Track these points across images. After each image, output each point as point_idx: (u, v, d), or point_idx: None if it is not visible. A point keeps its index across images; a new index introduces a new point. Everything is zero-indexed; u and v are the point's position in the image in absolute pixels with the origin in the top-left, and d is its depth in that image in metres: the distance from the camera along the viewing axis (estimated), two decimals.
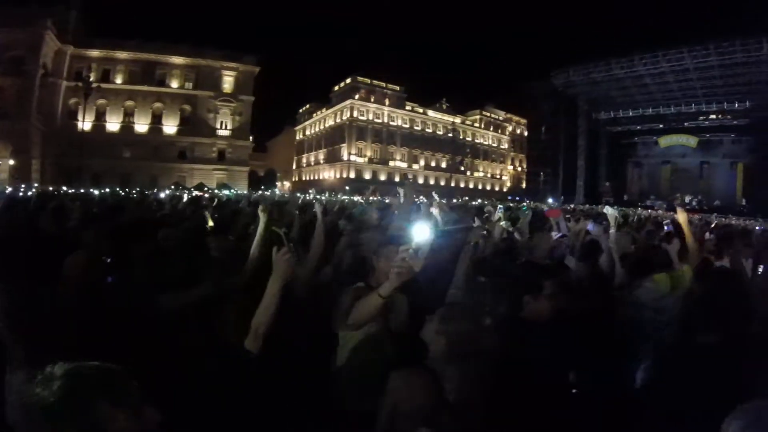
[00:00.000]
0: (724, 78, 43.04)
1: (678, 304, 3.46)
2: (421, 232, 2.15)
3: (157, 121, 53.62)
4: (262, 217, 3.97)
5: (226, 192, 27.38)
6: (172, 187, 28.92)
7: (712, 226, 11.74)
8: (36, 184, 29.09)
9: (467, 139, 77.86)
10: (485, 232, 4.78)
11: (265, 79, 60.85)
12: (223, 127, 56.59)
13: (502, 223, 5.54)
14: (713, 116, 49.41)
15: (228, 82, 56.29)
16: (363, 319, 2.51)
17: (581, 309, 2.95)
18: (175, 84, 54.05)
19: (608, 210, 6.04)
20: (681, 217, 5.08)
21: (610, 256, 4.67)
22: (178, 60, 53.84)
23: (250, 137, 58.95)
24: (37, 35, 43.85)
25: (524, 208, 6.94)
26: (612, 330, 3.20)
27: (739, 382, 1.87)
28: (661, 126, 52.96)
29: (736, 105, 46.10)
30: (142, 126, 53.05)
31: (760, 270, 5.46)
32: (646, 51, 46.12)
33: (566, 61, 53.92)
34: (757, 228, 16.36)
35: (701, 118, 50.06)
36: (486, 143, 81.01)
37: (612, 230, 5.54)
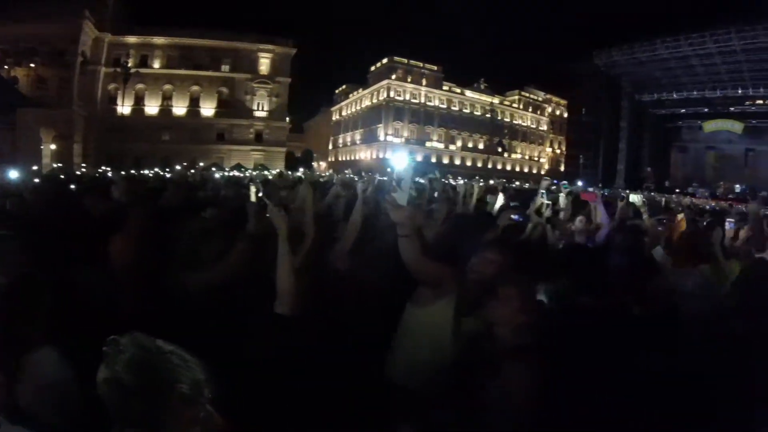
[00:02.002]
0: None
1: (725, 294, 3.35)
2: (400, 161, 2.28)
3: (194, 104, 54.58)
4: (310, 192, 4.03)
5: (264, 172, 27.91)
6: (213, 168, 29.33)
7: None
8: (84, 167, 30.54)
9: (505, 119, 76.38)
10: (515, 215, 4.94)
11: (302, 60, 61.05)
12: (260, 108, 57.12)
13: (545, 201, 5.48)
14: (760, 101, 46.58)
15: (264, 64, 56.70)
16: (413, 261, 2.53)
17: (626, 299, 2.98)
18: (211, 67, 54.75)
19: (634, 198, 6.09)
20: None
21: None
22: (214, 43, 54.37)
23: (287, 118, 59.42)
24: (76, 25, 45.18)
25: (565, 186, 6.86)
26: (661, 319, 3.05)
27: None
28: (706, 110, 50.47)
29: None
30: (180, 109, 54.16)
31: None
32: (692, 31, 43.97)
33: (609, 41, 52.01)
34: None
35: (748, 102, 47.28)
36: (525, 124, 79.35)
37: (645, 216, 5.60)
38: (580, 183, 40.39)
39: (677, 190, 43.87)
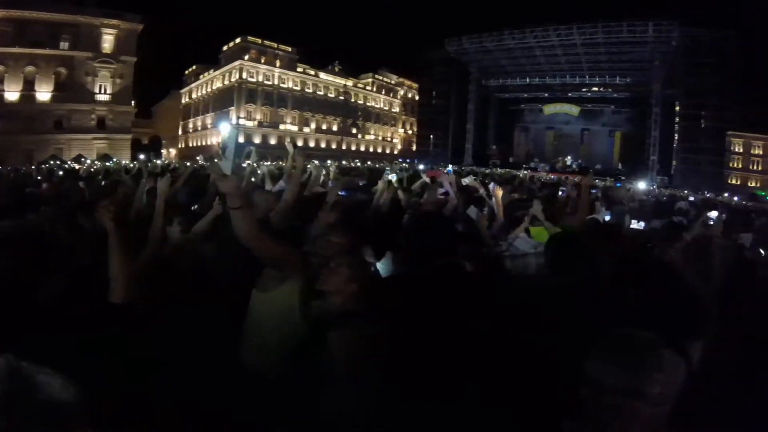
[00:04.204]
0: (609, 54, 47.43)
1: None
2: (224, 129, 2.23)
3: (29, 87, 46.60)
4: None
5: (107, 163, 25.61)
6: (50, 163, 26.04)
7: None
8: None
9: (359, 102, 77.83)
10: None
11: (150, 38, 55.63)
12: (103, 91, 50.88)
13: (391, 177, 5.81)
14: (595, 88, 54.33)
15: (108, 41, 50.29)
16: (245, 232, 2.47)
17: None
18: (49, 45, 47.03)
19: (468, 180, 6.81)
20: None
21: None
22: (53, 17, 46.63)
23: (133, 102, 53.85)
24: None
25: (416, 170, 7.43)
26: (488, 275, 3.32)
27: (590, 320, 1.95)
28: (546, 95, 57.25)
29: (617, 80, 51.00)
30: (12, 94, 45.83)
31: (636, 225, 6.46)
32: (538, 24, 49.02)
33: (460, 29, 55.44)
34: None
35: (584, 89, 54.89)
36: (378, 107, 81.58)
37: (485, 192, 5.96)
38: (450, 167, 43.09)
39: (524, 166, 49.31)
